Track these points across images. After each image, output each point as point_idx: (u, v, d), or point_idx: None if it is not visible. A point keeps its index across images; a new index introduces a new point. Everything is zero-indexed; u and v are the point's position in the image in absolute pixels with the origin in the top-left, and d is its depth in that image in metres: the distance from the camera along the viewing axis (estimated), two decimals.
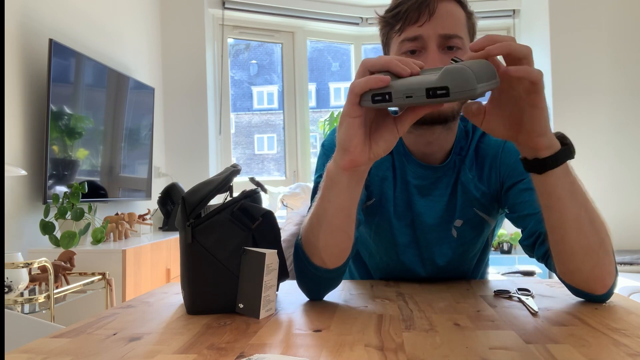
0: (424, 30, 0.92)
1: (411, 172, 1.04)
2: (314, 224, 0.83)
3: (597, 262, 0.78)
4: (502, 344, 0.61)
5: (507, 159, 1.02)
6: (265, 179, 4.22)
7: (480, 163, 1.04)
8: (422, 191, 1.04)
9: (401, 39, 0.95)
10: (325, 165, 1.02)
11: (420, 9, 0.92)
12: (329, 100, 10.53)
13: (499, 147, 1.03)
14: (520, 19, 3.95)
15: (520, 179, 0.98)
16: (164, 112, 3.61)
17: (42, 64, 2.33)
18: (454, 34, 0.93)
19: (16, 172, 1.86)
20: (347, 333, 0.67)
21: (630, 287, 2.65)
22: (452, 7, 0.95)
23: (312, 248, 0.85)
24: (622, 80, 3.51)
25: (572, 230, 0.76)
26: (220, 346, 0.63)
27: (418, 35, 0.93)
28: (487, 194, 1.03)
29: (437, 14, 0.92)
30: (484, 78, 0.62)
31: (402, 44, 0.95)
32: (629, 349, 0.59)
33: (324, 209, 0.81)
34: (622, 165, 3.49)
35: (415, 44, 0.94)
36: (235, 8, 3.79)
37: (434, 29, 0.92)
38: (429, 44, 0.93)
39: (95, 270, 2.17)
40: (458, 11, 0.95)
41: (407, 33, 0.94)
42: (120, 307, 0.86)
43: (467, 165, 1.04)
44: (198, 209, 0.80)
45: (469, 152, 1.04)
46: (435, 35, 0.92)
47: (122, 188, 2.92)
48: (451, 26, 0.93)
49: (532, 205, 0.93)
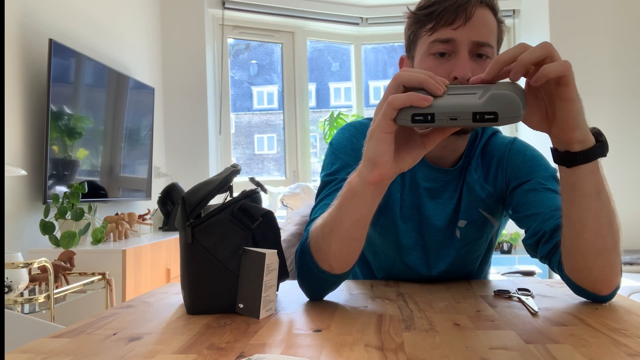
0: (458, 34, 0.91)
1: (422, 175, 1.04)
2: (326, 232, 0.82)
3: (608, 263, 0.78)
4: (502, 344, 0.61)
5: (513, 160, 1.02)
6: (265, 179, 4.22)
7: (486, 163, 1.04)
8: (432, 194, 1.04)
9: (432, 38, 0.93)
10: (334, 164, 1.02)
11: (458, 11, 0.90)
12: (329, 100, 10.50)
13: (506, 148, 1.04)
14: (520, 19, 3.95)
15: (527, 180, 0.98)
16: (164, 112, 3.61)
17: (42, 64, 2.33)
18: (487, 42, 0.92)
19: (16, 172, 1.86)
20: (347, 333, 0.67)
21: (630, 287, 2.65)
22: (487, 15, 0.93)
23: (322, 254, 0.84)
24: (622, 80, 3.51)
25: (590, 229, 0.75)
26: (220, 346, 0.63)
27: (451, 38, 0.91)
28: (493, 195, 1.03)
29: (473, 20, 0.90)
30: (525, 102, 0.66)
31: (432, 45, 0.93)
32: (629, 349, 0.59)
33: (340, 219, 0.80)
34: (622, 165, 3.49)
35: (446, 47, 0.92)
36: (235, 8, 3.79)
37: (468, 35, 0.90)
38: (461, 49, 0.91)
39: (95, 270, 2.17)
40: (492, 19, 0.94)
41: (439, 34, 0.92)
42: (120, 307, 0.86)
43: (473, 166, 1.04)
44: (198, 209, 0.80)
45: (476, 152, 1.04)
46: (468, 41, 0.91)
47: (122, 188, 2.92)
48: (485, 34, 0.92)
49: (536, 205, 0.93)
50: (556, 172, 1.01)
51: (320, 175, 1.05)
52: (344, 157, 1.02)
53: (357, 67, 4.28)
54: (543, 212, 0.92)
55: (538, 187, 0.96)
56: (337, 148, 1.04)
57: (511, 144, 1.04)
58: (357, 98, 4.27)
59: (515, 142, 1.05)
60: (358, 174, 0.76)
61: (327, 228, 0.82)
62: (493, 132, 1.08)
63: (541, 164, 1.01)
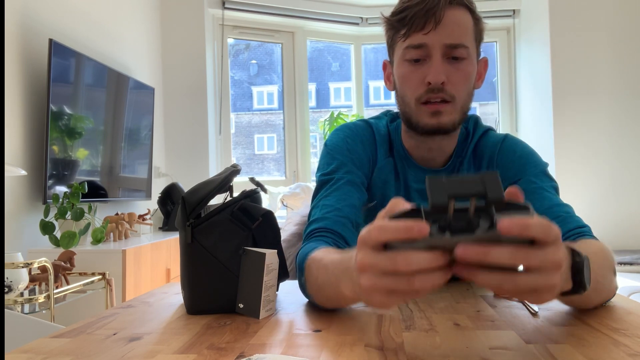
0: (429, 38, 0.91)
1: (412, 176, 1.04)
2: (320, 287, 0.77)
3: (605, 297, 0.78)
4: (502, 344, 0.61)
5: (503, 159, 1.01)
6: (265, 179, 4.22)
7: (477, 163, 1.04)
8: (424, 195, 1.04)
9: (406, 44, 0.94)
10: (330, 164, 1.02)
11: (427, 16, 0.90)
12: (329, 100, 10.51)
13: (496, 147, 1.03)
14: (520, 19, 3.95)
15: (517, 179, 0.98)
16: (164, 112, 3.61)
17: (42, 64, 2.33)
18: (460, 43, 0.91)
19: (16, 172, 1.86)
20: (347, 333, 0.67)
21: (630, 287, 2.65)
22: (460, 15, 0.92)
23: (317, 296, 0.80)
24: (622, 80, 3.51)
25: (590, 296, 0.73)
26: (220, 346, 0.63)
27: (423, 43, 0.91)
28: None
29: (443, 22, 0.90)
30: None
31: (406, 51, 0.94)
32: (629, 349, 0.59)
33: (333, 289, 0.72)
34: (622, 165, 3.49)
35: (419, 52, 0.92)
36: (235, 8, 3.79)
37: (440, 38, 0.90)
38: (434, 53, 0.91)
39: (95, 270, 2.17)
40: (465, 18, 0.93)
41: (412, 39, 0.92)
42: (120, 307, 0.86)
43: (465, 167, 1.04)
44: (198, 209, 0.80)
45: (468, 153, 1.04)
46: (440, 45, 0.91)
47: (122, 188, 2.92)
48: (457, 35, 0.91)
49: None
50: (547, 167, 1.01)
51: (316, 175, 1.05)
52: (339, 157, 1.02)
53: (357, 67, 4.28)
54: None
55: (528, 187, 0.95)
56: (332, 149, 1.04)
57: (501, 143, 1.03)
58: (357, 98, 4.27)
59: (505, 140, 1.04)
60: (352, 287, 0.64)
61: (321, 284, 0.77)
62: (485, 131, 1.07)
63: (531, 160, 1.00)
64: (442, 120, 0.94)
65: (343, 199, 0.96)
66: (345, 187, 0.98)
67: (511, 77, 4.04)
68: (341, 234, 0.91)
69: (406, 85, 0.96)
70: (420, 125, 0.96)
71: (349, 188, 0.98)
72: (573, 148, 3.51)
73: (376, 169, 1.04)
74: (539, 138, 3.69)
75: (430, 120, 0.94)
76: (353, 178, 1.00)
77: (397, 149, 1.05)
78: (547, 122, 3.58)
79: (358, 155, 1.03)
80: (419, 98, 0.94)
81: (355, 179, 1.00)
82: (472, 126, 1.06)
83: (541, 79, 3.67)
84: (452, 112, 0.94)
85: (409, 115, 0.97)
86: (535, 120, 3.78)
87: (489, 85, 4.12)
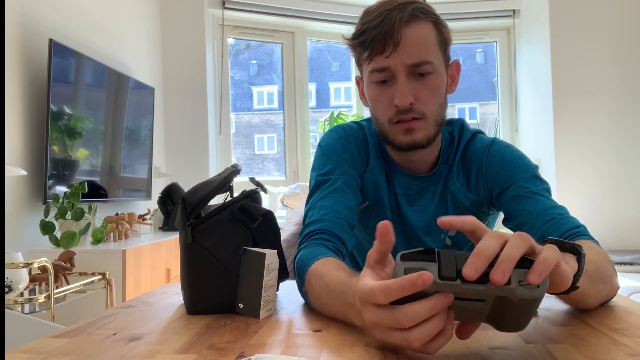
0: (391, 61, 0.90)
1: (397, 182, 1.05)
2: (323, 305, 0.76)
3: (605, 300, 0.78)
4: (502, 344, 0.61)
5: (491, 166, 1.01)
6: (265, 179, 4.22)
7: (466, 171, 1.04)
8: (409, 200, 1.05)
9: (370, 67, 0.93)
10: (326, 165, 1.02)
11: (385, 39, 0.89)
12: (329, 100, 10.53)
13: (484, 154, 1.02)
14: (520, 19, 3.95)
15: (508, 185, 0.97)
16: (164, 112, 3.61)
17: (42, 64, 2.33)
18: (423, 60, 0.91)
19: (16, 172, 1.86)
20: (347, 333, 0.67)
21: (630, 287, 2.65)
22: (419, 30, 0.91)
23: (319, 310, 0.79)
24: (622, 80, 3.51)
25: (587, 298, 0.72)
26: (220, 346, 0.63)
27: (386, 66, 0.91)
28: (477, 202, 1.04)
29: (403, 42, 0.89)
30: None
31: (372, 74, 0.94)
32: (629, 349, 0.59)
33: (338, 312, 0.72)
34: (622, 165, 3.49)
35: (384, 75, 0.92)
36: (235, 8, 3.79)
37: (402, 59, 0.90)
38: (398, 75, 0.91)
39: (95, 270, 2.17)
40: (425, 31, 0.92)
41: (375, 63, 0.92)
42: (120, 307, 0.86)
43: (454, 174, 1.03)
44: (198, 209, 0.80)
45: (456, 159, 1.04)
46: (403, 66, 0.90)
47: (122, 188, 2.92)
48: (418, 53, 0.90)
49: (522, 214, 0.93)
50: (537, 169, 1.00)
51: (311, 175, 1.04)
52: (335, 157, 1.02)
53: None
54: (526, 221, 0.92)
55: (520, 193, 0.95)
56: (327, 149, 1.04)
57: (489, 148, 1.02)
58: (357, 98, 4.27)
59: (493, 145, 1.03)
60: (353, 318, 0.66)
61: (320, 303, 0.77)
62: (472, 135, 1.06)
63: (520, 165, 0.99)
64: (415, 137, 0.94)
65: (340, 200, 0.96)
66: (341, 189, 0.98)
67: (511, 77, 4.04)
68: (340, 236, 0.92)
69: (377, 107, 0.97)
70: (396, 143, 0.97)
71: (346, 190, 0.98)
72: (573, 148, 3.51)
73: (368, 170, 1.05)
74: (539, 138, 3.69)
75: (404, 138, 0.95)
76: (349, 179, 1.00)
77: (385, 153, 1.06)
78: (547, 122, 3.58)
79: (352, 156, 1.03)
80: (390, 119, 0.95)
81: (351, 181, 1.00)
82: (457, 131, 1.06)
83: (541, 79, 3.67)
84: (425, 127, 0.95)
85: (385, 133, 0.98)
86: (535, 120, 3.78)
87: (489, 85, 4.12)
